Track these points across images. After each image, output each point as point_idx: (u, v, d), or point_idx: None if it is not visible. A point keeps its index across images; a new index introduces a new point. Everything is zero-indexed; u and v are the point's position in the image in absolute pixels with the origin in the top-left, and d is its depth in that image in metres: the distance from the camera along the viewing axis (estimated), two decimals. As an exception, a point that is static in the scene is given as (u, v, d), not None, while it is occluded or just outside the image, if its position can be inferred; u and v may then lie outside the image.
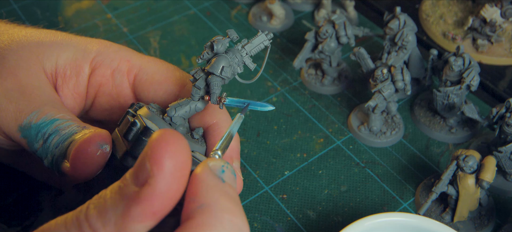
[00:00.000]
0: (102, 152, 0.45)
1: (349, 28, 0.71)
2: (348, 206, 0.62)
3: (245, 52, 0.48)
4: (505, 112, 0.61)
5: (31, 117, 0.48)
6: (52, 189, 0.62)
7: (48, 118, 0.48)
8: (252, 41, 0.48)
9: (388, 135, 0.68)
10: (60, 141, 0.47)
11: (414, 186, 0.64)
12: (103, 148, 0.45)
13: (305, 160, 0.67)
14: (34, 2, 0.90)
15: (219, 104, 0.47)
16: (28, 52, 0.53)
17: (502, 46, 0.80)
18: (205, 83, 0.48)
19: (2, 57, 0.52)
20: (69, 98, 0.54)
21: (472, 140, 0.69)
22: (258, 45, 0.48)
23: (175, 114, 0.48)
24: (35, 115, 0.48)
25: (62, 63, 0.54)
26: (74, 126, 0.48)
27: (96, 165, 0.45)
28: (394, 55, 0.70)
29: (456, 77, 0.66)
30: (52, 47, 0.54)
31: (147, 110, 0.47)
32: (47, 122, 0.48)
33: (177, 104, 0.48)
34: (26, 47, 0.53)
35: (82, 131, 0.47)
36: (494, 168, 0.57)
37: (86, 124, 0.49)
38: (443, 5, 0.86)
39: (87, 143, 0.45)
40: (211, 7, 0.89)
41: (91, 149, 0.45)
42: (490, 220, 0.60)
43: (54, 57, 0.54)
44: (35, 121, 0.48)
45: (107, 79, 0.55)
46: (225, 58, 0.47)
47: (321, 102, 0.74)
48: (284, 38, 0.84)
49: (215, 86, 0.47)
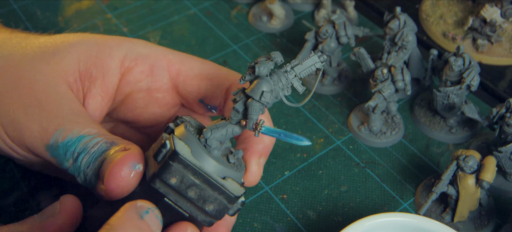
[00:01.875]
0: (135, 172, 0.45)
1: (349, 28, 0.71)
2: (348, 206, 0.62)
3: (294, 74, 0.45)
4: (505, 112, 0.61)
5: (57, 136, 0.48)
6: (52, 189, 0.62)
7: (74, 135, 0.47)
8: (303, 62, 0.45)
9: (388, 135, 0.68)
10: (90, 160, 0.46)
11: (414, 186, 0.64)
12: (136, 168, 0.45)
13: (305, 160, 0.67)
14: (34, 2, 0.90)
15: (255, 132, 0.45)
16: (45, 64, 0.52)
17: (502, 46, 0.80)
18: (244, 106, 0.45)
19: (19, 73, 0.51)
20: (97, 98, 0.53)
21: (472, 140, 0.69)
22: (309, 67, 0.46)
23: (210, 136, 0.45)
24: (60, 134, 0.48)
25: (86, 65, 0.53)
26: (103, 142, 0.47)
27: (131, 185, 0.45)
28: (394, 55, 0.70)
29: (456, 77, 0.66)
30: (70, 51, 0.53)
31: (184, 130, 0.45)
32: (74, 140, 0.47)
33: (214, 126, 0.46)
34: (43, 59, 0.52)
35: (112, 147, 0.46)
36: (494, 168, 0.57)
37: (115, 137, 0.48)
38: (443, 5, 0.86)
39: (120, 165, 0.44)
40: (211, 7, 0.89)
41: (124, 171, 0.44)
42: (490, 220, 0.60)
43: (75, 60, 0.52)
44: (61, 140, 0.47)
45: (146, 75, 0.54)
46: (268, 82, 0.44)
47: (321, 102, 0.74)
48: (284, 38, 0.84)
49: (253, 111, 0.44)
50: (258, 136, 0.45)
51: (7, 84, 0.51)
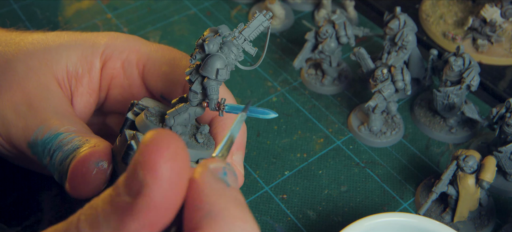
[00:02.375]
0: (98, 169, 0.43)
1: (349, 28, 0.71)
2: (348, 206, 0.62)
3: (243, 38, 0.44)
4: (505, 112, 0.61)
5: (37, 133, 0.47)
6: (52, 189, 0.62)
7: (52, 132, 0.47)
8: (250, 24, 0.44)
9: (388, 135, 0.68)
10: (63, 157, 0.46)
11: (414, 186, 0.64)
12: (99, 165, 0.43)
13: (305, 160, 0.67)
14: (34, 2, 0.90)
15: (219, 111, 0.44)
16: (36, 61, 0.52)
17: (502, 46, 0.80)
18: (201, 86, 0.44)
19: (11, 69, 0.51)
20: (84, 95, 0.53)
21: (472, 140, 0.69)
22: (257, 27, 0.44)
23: (173, 124, 0.44)
24: (40, 131, 0.47)
25: (73, 64, 0.53)
26: (77, 140, 0.46)
27: (95, 183, 0.44)
28: (394, 55, 0.70)
29: (456, 77, 0.66)
30: (60, 51, 0.53)
31: (145, 119, 0.44)
32: (51, 137, 0.47)
33: (175, 111, 0.44)
34: (34, 56, 0.52)
35: (84, 145, 0.46)
36: (494, 168, 0.57)
37: (91, 135, 0.47)
38: (443, 5, 0.86)
39: (81, 162, 0.43)
40: (211, 7, 0.89)
41: (86, 168, 0.43)
42: (490, 220, 0.60)
43: (64, 60, 0.53)
44: (40, 137, 0.47)
45: (118, 71, 0.54)
46: (220, 58, 0.42)
47: (321, 102, 0.74)
48: (284, 38, 0.84)
49: (212, 91, 0.43)
50: (222, 116, 0.44)
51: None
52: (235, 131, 0.40)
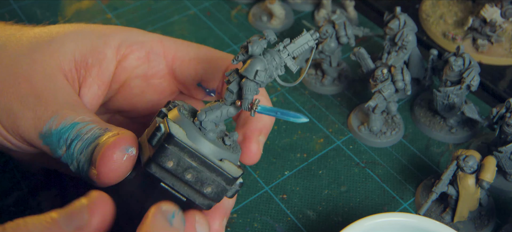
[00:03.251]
0: (128, 155, 0.44)
1: (349, 28, 0.71)
2: (348, 206, 0.62)
3: (287, 53, 0.44)
4: (505, 112, 0.61)
5: (51, 123, 0.47)
6: (52, 189, 0.62)
7: (67, 122, 0.47)
8: (296, 41, 0.44)
9: (388, 135, 0.68)
10: (84, 146, 0.46)
11: (414, 186, 0.64)
12: (129, 151, 0.44)
13: (305, 160, 0.67)
14: (34, 2, 0.90)
15: (251, 111, 0.43)
16: (40, 54, 0.51)
17: (502, 46, 0.80)
18: (238, 87, 0.44)
19: (15, 63, 0.51)
20: (93, 87, 0.53)
21: (472, 140, 0.69)
22: (302, 45, 0.44)
23: (205, 118, 0.44)
24: (54, 121, 0.47)
25: (81, 54, 0.52)
26: (96, 129, 0.46)
27: (124, 169, 0.44)
28: (394, 55, 0.70)
29: (456, 77, 0.66)
30: (66, 42, 0.52)
31: (177, 113, 0.44)
32: (67, 127, 0.47)
33: (208, 108, 0.45)
34: (38, 49, 0.52)
35: (106, 133, 0.46)
36: (494, 168, 0.57)
37: (109, 125, 0.47)
38: (443, 5, 0.86)
39: (112, 148, 0.44)
40: (211, 7, 0.89)
41: (117, 154, 0.43)
42: (490, 220, 0.60)
43: (71, 51, 0.52)
44: (55, 126, 0.47)
45: (142, 61, 0.54)
46: (261, 61, 0.43)
47: (321, 102, 0.74)
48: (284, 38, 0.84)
49: (247, 91, 0.43)
50: (254, 116, 0.44)
51: (2, 74, 0.50)
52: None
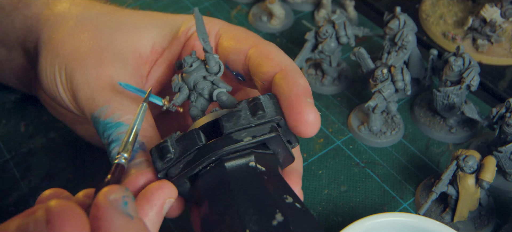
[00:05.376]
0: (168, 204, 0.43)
1: (349, 28, 0.71)
2: (348, 206, 0.62)
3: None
4: (505, 112, 0.61)
5: (100, 111, 0.48)
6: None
7: (114, 119, 0.48)
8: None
9: (388, 135, 0.68)
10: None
11: (414, 186, 0.64)
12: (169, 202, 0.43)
13: (305, 160, 0.67)
14: (34, 2, 0.90)
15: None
16: (121, 33, 0.54)
17: (502, 46, 0.80)
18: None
19: (98, 35, 0.54)
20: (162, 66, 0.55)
21: (472, 140, 0.69)
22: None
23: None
24: (103, 112, 0.48)
25: (159, 41, 0.55)
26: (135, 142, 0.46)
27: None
28: (394, 55, 0.70)
29: (456, 77, 0.66)
30: (148, 29, 0.55)
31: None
32: (112, 124, 0.48)
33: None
34: (122, 29, 0.55)
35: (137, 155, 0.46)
36: (494, 168, 0.57)
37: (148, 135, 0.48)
38: (443, 5, 0.86)
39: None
40: (211, 7, 0.89)
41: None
42: (490, 220, 0.60)
43: (152, 37, 0.55)
44: (103, 117, 0.48)
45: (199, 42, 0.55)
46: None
47: (321, 102, 0.74)
48: (284, 38, 0.84)
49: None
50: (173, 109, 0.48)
51: (84, 42, 0.53)
52: (139, 124, 0.43)
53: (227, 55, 0.52)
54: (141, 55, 0.54)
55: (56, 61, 0.54)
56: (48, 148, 0.67)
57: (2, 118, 0.70)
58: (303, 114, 0.43)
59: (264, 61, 0.48)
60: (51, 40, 0.55)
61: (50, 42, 0.55)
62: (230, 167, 0.42)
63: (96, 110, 0.49)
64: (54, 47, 0.55)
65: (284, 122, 0.45)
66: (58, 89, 0.54)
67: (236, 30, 0.54)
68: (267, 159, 0.44)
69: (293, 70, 0.47)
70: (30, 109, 0.71)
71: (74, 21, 0.56)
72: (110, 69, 0.51)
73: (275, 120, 0.44)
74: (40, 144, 0.67)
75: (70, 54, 0.53)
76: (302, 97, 0.44)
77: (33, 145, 0.67)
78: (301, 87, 0.45)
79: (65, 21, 0.56)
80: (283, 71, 0.46)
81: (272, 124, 0.43)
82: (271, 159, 0.44)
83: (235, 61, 0.51)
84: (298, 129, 0.44)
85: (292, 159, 0.47)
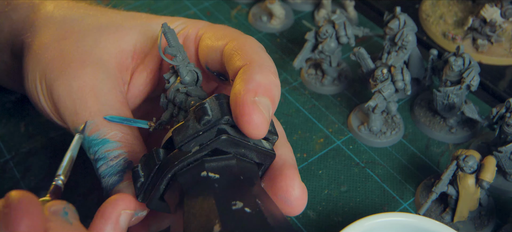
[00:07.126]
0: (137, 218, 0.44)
1: (349, 28, 0.71)
2: (348, 206, 0.62)
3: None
4: (505, 112, 0.61)
5: (85, 127, 0.48)
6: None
7: (100, 135, 0.47)
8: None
9: (388, 135, 0.68)
10: (106, 173, 0.46)
11: (414, 186, 0.64)
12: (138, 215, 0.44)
13: (305, 160, 0.67)
14: (34, 2, 0.90)
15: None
16: (104, 38, 0.53)
17: (502, 46, 0.80)
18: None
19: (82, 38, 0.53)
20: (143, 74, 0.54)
21: (472, 140, 0.69)
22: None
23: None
24: (88, 127, 0.48)
25: (140, 46, 0.54)
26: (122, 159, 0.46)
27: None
28: (394, 55, 0.70)
29: (456, 77, 0.66)
30: (130, 32, 0.54)
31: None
32: (98, 141, 0.47)
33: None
34: (105, 32, 0.53)
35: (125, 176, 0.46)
36: (494, 168, 0.57)
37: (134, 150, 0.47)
38: (443, 5, 0.86)
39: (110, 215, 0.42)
40: (211, 7, 0.89)
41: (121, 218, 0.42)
42: (490, 220, 0.60)
43: (133, 41, 0.53)
44: (88, 133, 0.47)
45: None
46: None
47: (321, 102, 0.74)
48: (284, 38, 0.84)
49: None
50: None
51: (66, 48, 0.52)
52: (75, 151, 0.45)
53: (206, 56, 0.49)
54: (123, 59, 0.53)
55: (37, 68, 0.52)
56: (48, 148, 0.67)
57: (2, 118, 0.70)
58: (245, 115, 0.39)
59: (235, 55, 0.45)
60: (33, 45, 0.54)
61: (32, 47, 0.54)
62: (183, 181, 0.40)
63: (80, 126, 0.48)
64: (35, 53, 0.53)
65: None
66: (39, 98, 0.53)
67: (215, 29, 0.51)
68: (223, 164, 0.41)
69: (257, 65, 0.43)
70: (30, 110, 0.71)
71: (57, 26, 0.54)
72: (92, 80, 0.50)
73: (222, 121, 0.41)
74: (40, 144, 0.67)
75: (51, 61, 0.51)
76: (247, 96, 0.40)
77: (33, 145, 0.67)
78: (253, 84, 0.41)
79: (49, 25, 0.55)
80: (246, 66, 0.43)
81: (219, 127, 0.41)
82: (229, 163, 0.41)
83: (214, 61, 0.49)
84: (244, 130, 0.40)
85: (271, 154, 0.43)
